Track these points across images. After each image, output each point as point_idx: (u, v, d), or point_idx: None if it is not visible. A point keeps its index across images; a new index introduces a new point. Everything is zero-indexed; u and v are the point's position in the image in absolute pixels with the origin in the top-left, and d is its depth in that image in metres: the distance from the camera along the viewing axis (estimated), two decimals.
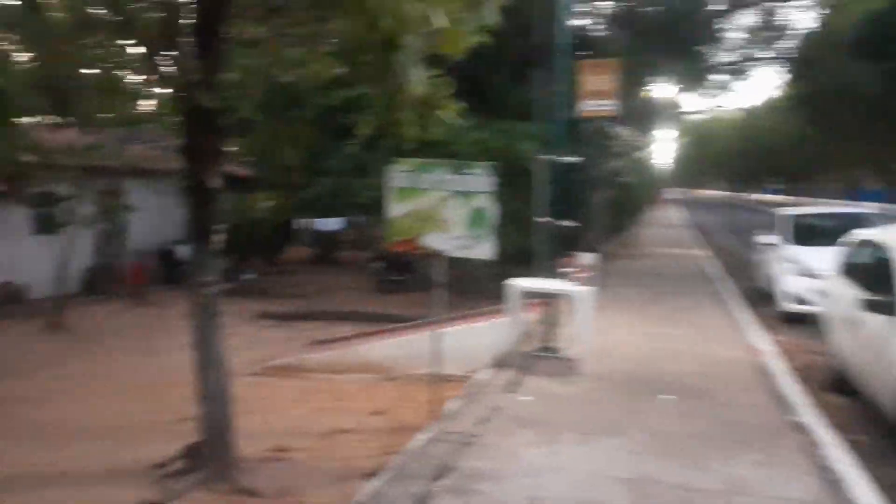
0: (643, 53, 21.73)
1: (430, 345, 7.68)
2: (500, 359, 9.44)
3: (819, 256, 11.65)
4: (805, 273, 12.70)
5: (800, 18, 33.79)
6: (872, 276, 7.64)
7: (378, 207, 8.18)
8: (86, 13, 7.56)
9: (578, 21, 21.49)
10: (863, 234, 9.00)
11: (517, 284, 9.57)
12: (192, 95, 6.21)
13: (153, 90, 9.34)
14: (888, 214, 17.62)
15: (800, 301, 12.69)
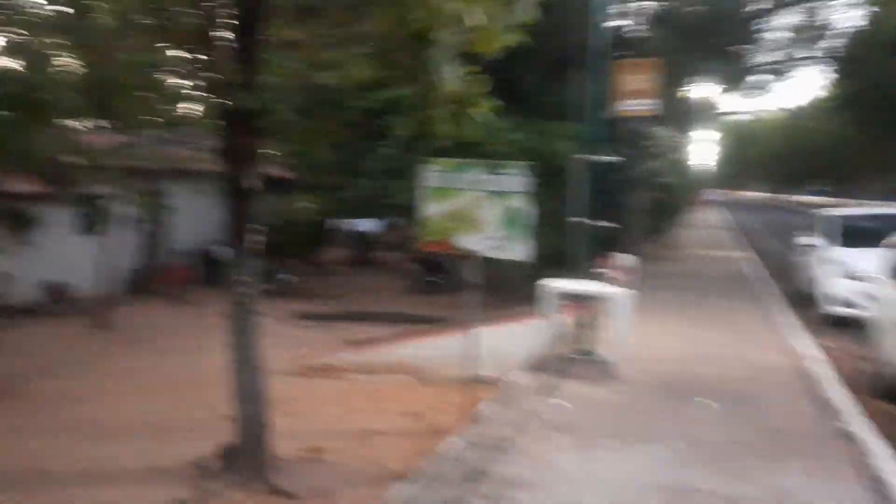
0: (682, 53, 21.45)
1: (465, 347, 7.62)
2: (536, 362, 9.34)
3: (864, 258, 11.36)
4: (849, 275, 12.40)
5: (845, 17, 32.93)
6: None
7: (415, 209, 8.14)
8: (129, 17, 7.67)
9: (616, 20, 21.28)
10: None
11: (553, 286, 9.46)
12: (230, 97, 6.23)
13: (193, 92, 9.44)
14: None
15: (845, 304, 12.40)
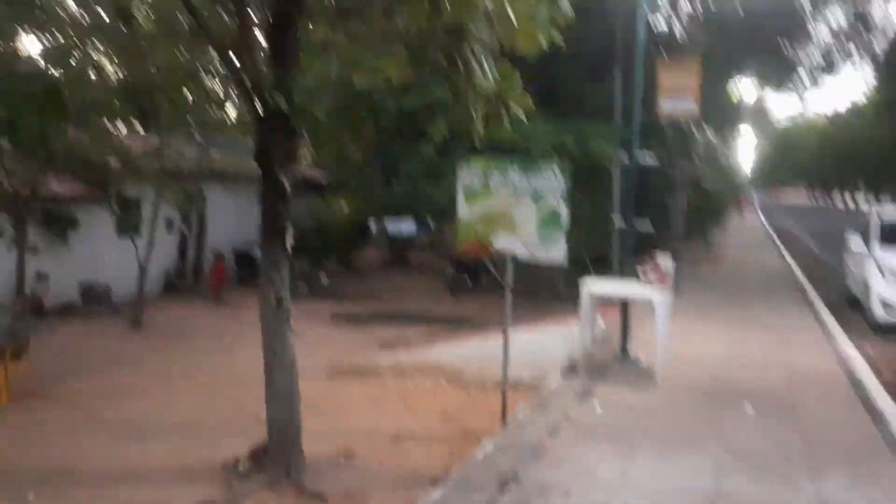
0: (725, 53, 21.09)
1: (500, 349, 7.52)
2: (572, 365, 9.20)
3: None
4: None
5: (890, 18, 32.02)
6: None
7: (451, 211, 8.07)
8: (167, 21, 7.73)
9: (658, 20, 21.03)
10: None
11: (591, 288, 9.32)
12: (265, 99, 6.21)
13: (230, 95, 9.52)
14: None
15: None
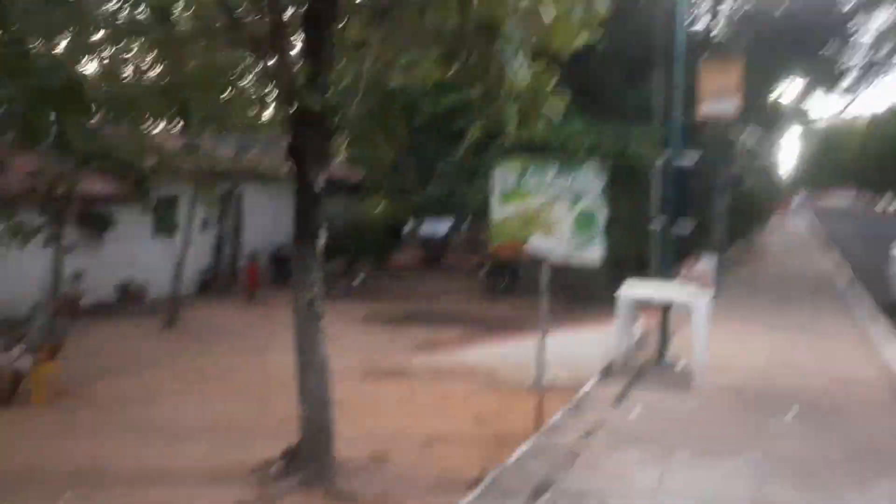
0: (769, 54, 20.74)
1: (536, 351, 7.41)
2: (609, 368, 9.05)
3: None
4: None
5: None
6: None
7: (486, 211, 7.99)
8: (203, 20, 7.76)
9: (699, 21, 20.74)
10: None
11: (629, 291, 9.16)
12: (298, 97, 6.18)
13: (265, 94, 9.52)
14: None
15: None
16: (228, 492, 6.23)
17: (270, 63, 6.63)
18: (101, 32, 7.30)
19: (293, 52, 6.82)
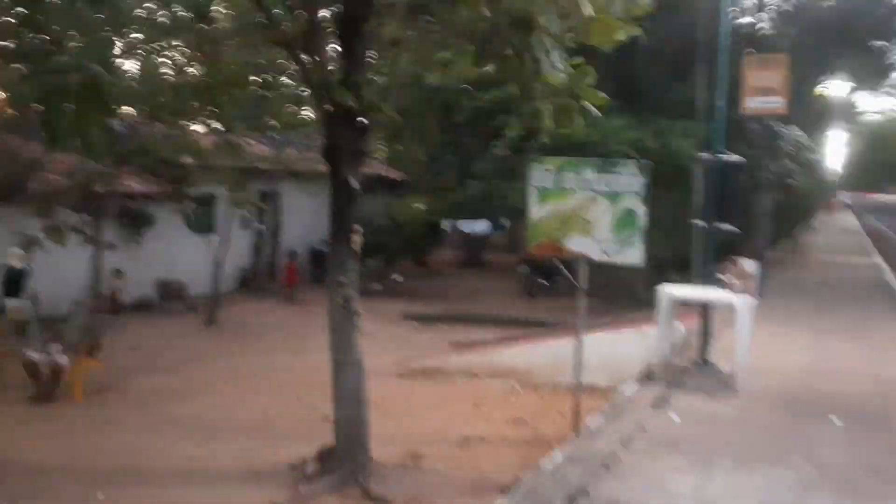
0: (815, 49, 20.27)
1: (574, 353, 7.28)
2: (649, 371, 8.87)
3: None
4: None
5: None
6: None
7: (525, 210, 7.88)
8: (239, 18, 7.77)
9: (743, 15, 20.34)
10: None
11: (670, 292, 8.98)
12: (333, 96, 6.14)
13: (300, 92, 9.53)
14: None
15: None
16: (262, 492, 6.22)
17: (305, 61, 6.60)
18: (137, 32, 7.37)
19: (328, 51, 6.78)
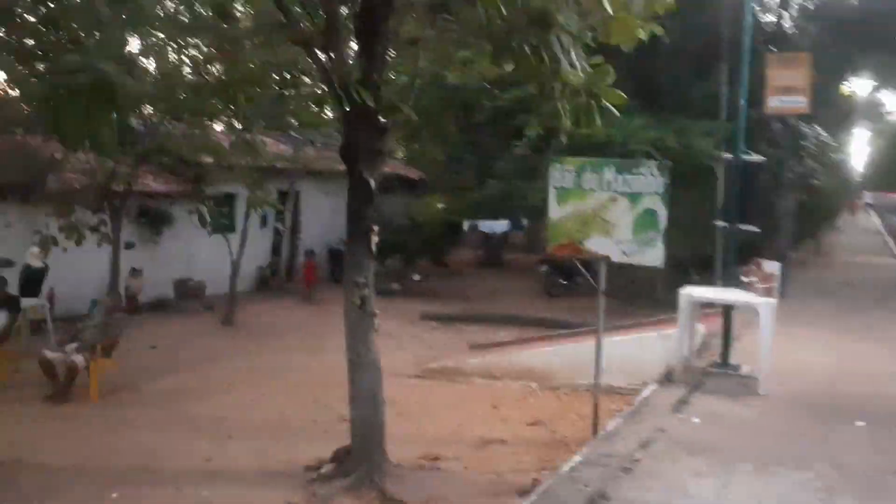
0: (838, 48, 20.03)
1: (593, 354, 7.21)
2: (669, 373, 8.77)
3: None
4: None
5: None
6: None
7: (545, 210, 7.83)
8: (259, 17, 7.77)
9: (767, 13, 20.13)
10: None
11: (691, 293, 8.87)
12: (351, 94, 6.12)
13: (319, 91, 9.52)
14: None
15: None
16: (278, 492, 6.21)
17: (324, 60, 6.58)
18: (158, 30, 7.40)
19: (347, 50, 6.76)
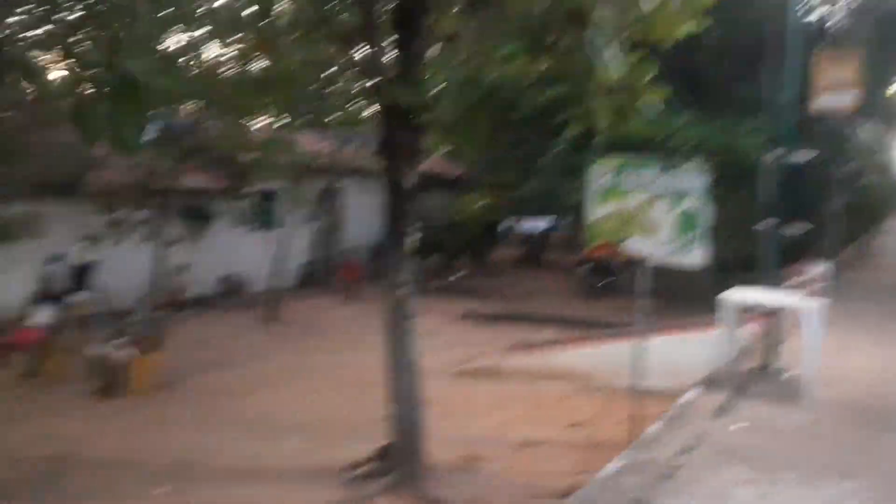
0: (887, 45, 19.53)
1: (635, 356, 7.10)
2: (712, 377, 8.62)
3: None
4: None
5: None
6: None
7: (585, 209, 7.75)
8: (299, 14, 7.79)
9: (814, 10, 19.71)
10: None
11: (735, 295, 8.71)
12: (389, 92, 6.10)
13: (358, 89, 9.53)
14: None
15: None
16: (318, 492, 6.23)
17: (362, 57, 6.58)
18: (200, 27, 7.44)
19: (385, 47, 6.74)
